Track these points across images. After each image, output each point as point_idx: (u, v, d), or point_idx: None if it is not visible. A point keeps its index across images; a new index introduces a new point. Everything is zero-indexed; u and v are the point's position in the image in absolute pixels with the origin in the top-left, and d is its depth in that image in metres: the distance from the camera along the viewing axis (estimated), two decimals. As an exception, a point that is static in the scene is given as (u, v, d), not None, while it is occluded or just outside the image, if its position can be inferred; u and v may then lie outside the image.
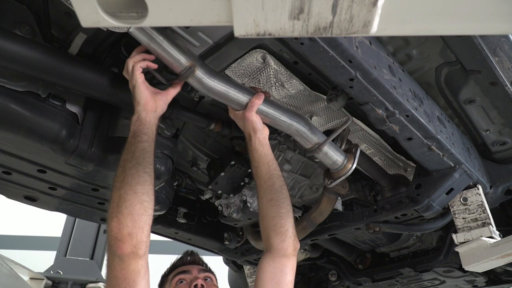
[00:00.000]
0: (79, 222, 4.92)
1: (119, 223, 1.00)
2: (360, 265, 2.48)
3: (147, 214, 1.04)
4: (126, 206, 1.01)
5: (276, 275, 1.24)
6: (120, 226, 0.99)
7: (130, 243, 0.99)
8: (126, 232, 0.99)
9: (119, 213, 1.01)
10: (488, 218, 1.57)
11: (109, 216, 1.02)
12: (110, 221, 1.01)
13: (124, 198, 1.02)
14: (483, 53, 1.34)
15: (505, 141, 1.72)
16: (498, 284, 2.24)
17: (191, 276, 1.55)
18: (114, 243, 0.99)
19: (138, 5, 0.53)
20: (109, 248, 1.01)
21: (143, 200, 1.04)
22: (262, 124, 1.31)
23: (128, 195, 1.02)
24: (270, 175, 1.30)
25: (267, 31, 0.53)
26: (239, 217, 1.86)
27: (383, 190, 1.80)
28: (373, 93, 1.26)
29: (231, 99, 1.26)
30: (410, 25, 0.52)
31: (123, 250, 0.98)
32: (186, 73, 1.14)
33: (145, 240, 1.01)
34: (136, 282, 0.99)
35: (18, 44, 1.07)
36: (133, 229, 1.00)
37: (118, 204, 1.02)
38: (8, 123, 1.16)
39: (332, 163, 1.48)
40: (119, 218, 1.00)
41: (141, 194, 1.04)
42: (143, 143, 1.10)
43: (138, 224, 1.01)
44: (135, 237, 1.00)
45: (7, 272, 3.26)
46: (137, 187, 1.04)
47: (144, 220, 1.02)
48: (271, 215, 1.28)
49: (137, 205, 1.02)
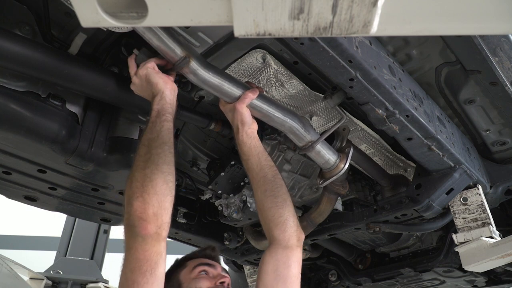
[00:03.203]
0: (79, 222, 4.92)
1: (144, 203, 0.96)
2: (360, 265, 2.48)
3: (171, 195, 1.02)
4: (153, 185, 0.99)
5: (278, 267, 1.19)
6: (145, 206, 0.96)
7: (155, 223, 0.96)
8: (152, 212, 0.96)
9: (144, 192, 0.97)
10: (488, 218, 1.57)
11: (132, 196, 0.98)
12: (134, 201, 0.97)
13: (150, 177, 0.99)
14: (483, 53, 1.34)
15: (505, 141, 1.72)
16: (498, 284, 2.24)
17: (215, 272, 1.45)
18: (138, 223, 0.95)
19: (138, 5, 0.53)
20: (131, 228, 0.97)
21: (168, 180, 1.02)
22: (251, 118, 1.29)
23: (154, 174, 1.00)
24: (261, 167, 1.27)
25: (267, 31, 0.53)
26: (239, 217, 1.86)
27: (383, 190, 1.80)
28: (373, 93, 1.26)
29: (225, 92, 1.25)
30: (410, 25, 0.52)
31: (148, 231, 0.95)
32: (181, 63, 1.13)
33: (168, 222, 0.99)
34: (158, 264, 0.96)
35: (18, 44, 1.07)
36: (158, 209, 0.97)
37: (143, 183, 0.99)
38: (8, 123, 1.16)
39: (325, 162, 1.48)
40: (144, 197, 0.97)
41: (167, 174, 1.02)
42: (168, 122, 1.10)
43: (163, 204, 0.98)
44: (160, 218, 0.97)
45: (7, 272, 3.26)
46: (163, 166, 1.02)
47: (169, 201, 1.00)
48: (267, 206, 1.25)
49: (163, 185, 1.00)
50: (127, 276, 0.95)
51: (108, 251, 4.98)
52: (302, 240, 1.25)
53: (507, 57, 1.39)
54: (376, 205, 1.74)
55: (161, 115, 1.11)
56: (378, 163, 1.81)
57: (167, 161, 1.04)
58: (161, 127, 1.08)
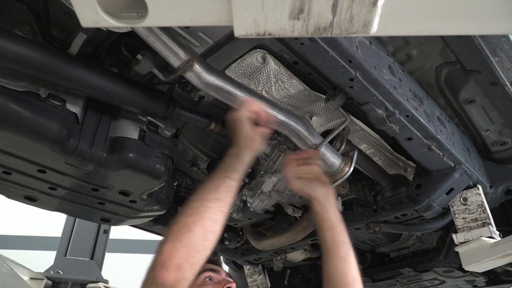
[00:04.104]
0: (79, 222, 4.91)
1: (173, 250, 0.92)
2: (360, 265, 2.48)
3: (204, 253, 0.97)
4: (188, 236, 0.94)
5: None
6: (172, 253, 0.92)
7: (175, 276, 0.90)
8: (177, 262, 0.91)
9: (177, 239, 0.94)
10: (488, 218, 1.56)
11: (166, 238, 0.95)
12: (165, 244, 0.94)
13: (190, 228, 0.95)
14: (483, 53, 1.34)
15: (505, 141, 1.72)
16: (498, 284, 2.24)
17: (220, 277, 1.44)
18: (158, 268, 0.91)
19: (138, 5, 0.53)
20: (151, 271, 0.93)
21: (206, 238, 0.97)
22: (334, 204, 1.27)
23: (195, 226, 0.96)
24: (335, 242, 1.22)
25: (267, 31, 0.53)
26: (239, 217, 1.86)
27: (383, 190, 1.80)
28: (373, 93, 1.26)
29: (228, 95, 1.25)
30: (410, 25, 0.52)
31: (165, 280, 0.89)
32: (184, 67, 1.14)
33: (190, 279, 0.93)
34: None
35: (18, 44, 1.07)
36: (184, 262, 0.92)
37: (180, 230, 0.95)
38: (8, 123, 1.16)
39: (329, 166, 1.47)
40: (175, 244, 0.93)
41: (207, 231, 0.97)
42: (232, 181, 1.06)
43: (191, 259, 0.93)
44: (182, 272, 0.91)
45: (7, 272, 3.25)
46: (207, 222, 0.98)
47: (198, 258, 0.95)
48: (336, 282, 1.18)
49: (199, 240, 0.95)
50: None
51: (108, 251, 4.98)
52: None
53: (507, 57, 1.39)
54: (376, 205, 1.74)
55: (228, 170, 1.08)
56: (378, 163, 1.81)
57: (213, 218, 0.99)
58: (222, 183, 1.05)
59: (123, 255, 6.79)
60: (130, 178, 1.42)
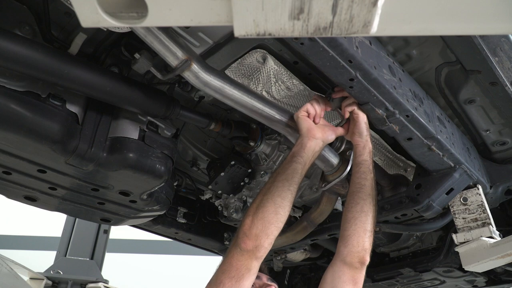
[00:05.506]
0: (79, 222, 4.91)
1: (251, 223, 1.13)
2: (360, 265, 2.48)
3: (276, 225, 1.14)
4: (262, 211, 1.14)
5: (334, 279, 1.25)
6: (251, 225, 1.12)
7: (254, 242, 1.10)
8: (255, 232, 1.11)
9: (254, 214, 1.14)
10: (488, 218, 1.56)
11: (247, 213, 1.16)
12: (245, 217, 1.15)
13: (263, 204, 1.15)
14: (483, 53, 1.34)
15: (505, 141, 1.72)
16: (498, 284, 2.25)
17: (260, 282, 1.52)
18: (241, 236, 1.12)
19: (138, 5, 0.53)
20: (236, 238, 1.13)
21: (278, 212, 1.15)
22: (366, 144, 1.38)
23: (268, 202, 1.15)
24: (362, 184, 1.36)
25: (267, 31, 0.53)
26: (239, 217, 1.86)
27: (383, 190, 1.80)
28: (373, 93, 1.26)
29: (227, 94, 1.25)
30: (410, 25, 0.52)
31: (247, 245, 1.10)
32: (182, 66, 1.14)
33: (266, 246, 1.12)
34: (244, 277, 1.09)
35: (18, 44, 1.07)
36: (260, 232, 1.11)
37: (257, 206, 1.16)
38: (8, 123, 1.16)
39: (327, 165, 1.48)
40: (253, 218, 1.13)
41: (278, 206, 1.15)
42: (297, 164, 1.22)
43: (265, 230, 1.12)
44: (259, 240, 1.11)
45: (7, 272, 3.25)
46: (277, 199, 1.16)
47: (272, 229, 1.13)
48: (353, 228, 1.29)
49: (272, 214, 1.14)
50: (218, 275, 1.11)
51: (108, 251, 4.98)
52: (364, 263, 1.26)
53: (507, 57, 1.39)
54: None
55: (293, 156, 1.24)
56: (378, 163, 1.81)
57: (282, 196, 1.17)
58: (289, 166, 1.22)
59: (123, 255, 6.79)
60: (130, 178, 1.42)
